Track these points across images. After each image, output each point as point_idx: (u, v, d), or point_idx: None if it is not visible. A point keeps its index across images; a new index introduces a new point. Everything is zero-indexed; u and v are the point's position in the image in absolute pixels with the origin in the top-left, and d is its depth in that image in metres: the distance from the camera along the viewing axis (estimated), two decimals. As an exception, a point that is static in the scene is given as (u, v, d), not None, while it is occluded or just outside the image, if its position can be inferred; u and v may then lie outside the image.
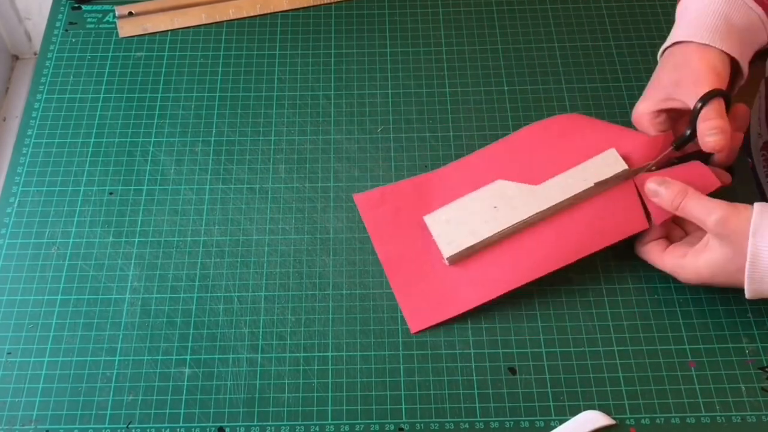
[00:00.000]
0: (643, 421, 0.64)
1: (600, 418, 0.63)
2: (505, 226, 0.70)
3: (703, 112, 0.67)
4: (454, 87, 0.82)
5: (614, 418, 0.64)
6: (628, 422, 0.64)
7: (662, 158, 0.72)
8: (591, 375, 0.66)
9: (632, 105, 0.80)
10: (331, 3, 0.89)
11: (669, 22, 0.86)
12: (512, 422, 0.64)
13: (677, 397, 0.65)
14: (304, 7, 0.88)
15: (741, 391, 0.65)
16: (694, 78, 0.68)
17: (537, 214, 0.70)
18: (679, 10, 0.74)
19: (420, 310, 0.69)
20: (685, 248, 0.68)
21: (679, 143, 0.71)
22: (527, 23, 0.87)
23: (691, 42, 0.70)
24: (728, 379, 0.66)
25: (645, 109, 0.73)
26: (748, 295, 0.65)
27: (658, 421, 0.64)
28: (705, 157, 0.72)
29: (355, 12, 0.88)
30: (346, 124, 0.80)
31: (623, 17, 0.87)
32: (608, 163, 0.71)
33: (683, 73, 0.69)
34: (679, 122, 0.73)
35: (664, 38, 0.85)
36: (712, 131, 0.67)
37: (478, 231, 0.70)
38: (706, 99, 0.67)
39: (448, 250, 0.70)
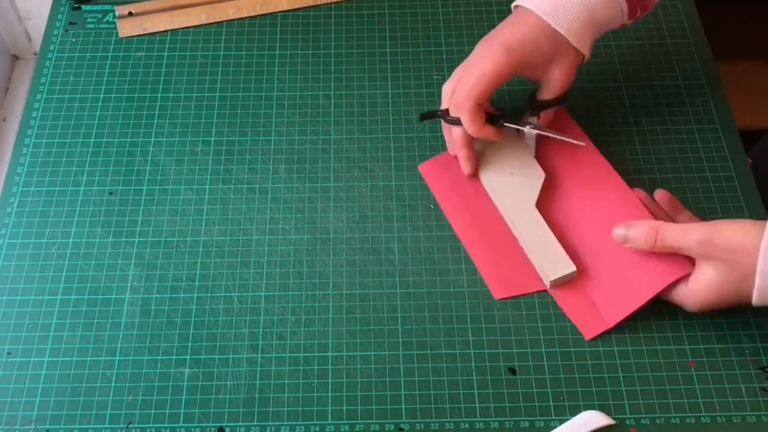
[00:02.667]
0: (643, 421, 0.64)
1: (600, 418, 0.63)
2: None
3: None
4: (454, 87, 0.82)
5: (614, 418, 0.64)
6: (628, 422, 0.64)
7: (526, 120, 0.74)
8: (591, 375, 0.66)
9: (633, 105, 0.80)
10: (331, 3, 0.89)
11: (668, 21, 0.86)
12: (512, 422, 0.64)
13: (677, 397, 0.65)
14: (304, 7, 0.88)
15: (741, 391, 0.65)
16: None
17: None
18: None
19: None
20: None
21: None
22: (527, 23, 0.87)
23: (532, 12, 0.68)
24: (728, 379, 0.65)
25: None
26: (755, 299, 0.62)
27: (658, 421, 0.64)
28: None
29: (355, 12, 0.88)
30: (346, 124, 0.80)
31: (623, 17, 0.87)
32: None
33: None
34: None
35: (663, 38, 0.85)
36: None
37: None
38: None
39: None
